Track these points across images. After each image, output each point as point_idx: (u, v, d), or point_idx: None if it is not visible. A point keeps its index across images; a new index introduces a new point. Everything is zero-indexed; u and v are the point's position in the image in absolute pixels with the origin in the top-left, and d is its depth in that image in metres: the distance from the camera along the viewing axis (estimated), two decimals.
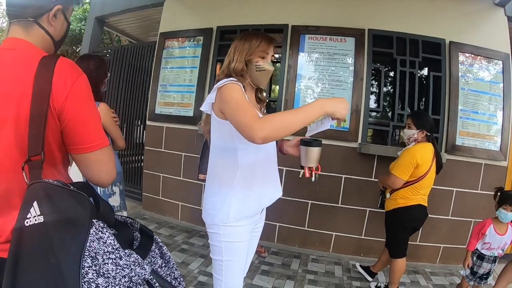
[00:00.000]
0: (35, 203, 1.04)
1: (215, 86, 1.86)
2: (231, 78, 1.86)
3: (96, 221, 1.03)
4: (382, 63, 4.80)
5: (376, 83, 5.01)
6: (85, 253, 0.96)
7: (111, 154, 1.32)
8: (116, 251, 1.04)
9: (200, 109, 1.98)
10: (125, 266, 1.03)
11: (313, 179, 1.99)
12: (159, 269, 1.30)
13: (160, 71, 5.71)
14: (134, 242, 1.27)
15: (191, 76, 5.42)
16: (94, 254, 0.98)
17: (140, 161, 6.21)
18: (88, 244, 0.98)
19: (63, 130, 1.20)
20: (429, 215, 3.54)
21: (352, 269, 4.24)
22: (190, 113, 5.36)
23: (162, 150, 5.57)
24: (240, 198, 1.92)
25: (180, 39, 5.62)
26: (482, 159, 4.53)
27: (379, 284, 3.78)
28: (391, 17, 4.65)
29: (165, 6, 5.84)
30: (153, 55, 5.90)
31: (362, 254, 4.64)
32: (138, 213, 5.75)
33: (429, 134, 3.40)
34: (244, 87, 1.87)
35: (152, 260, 1.28)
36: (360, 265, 4.13)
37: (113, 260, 1.01)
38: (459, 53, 4.56)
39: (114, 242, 1.04)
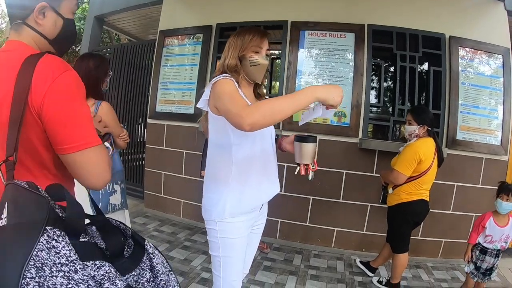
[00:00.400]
0: (6, 205, 0.99)
1: (209, 83, 1.88)
2: (224, 74, 1.87)
3: (51, 229, 0.93)
4: (382, 58, 4.79)
5: (377, 78, 5.01)
6: (30, 263, 0.87)
7: (101, 155, 1.25)
8: (71, 264, 0.93)
9: (197, 106, 1.99)
10: (80, 281, 0.93)
11: (309, 177, 1.95)
12: (146, 283, 1.18)
13: (160, 69, 5.72)
14: (127, 249, 1.19)
15: (191, 74, 5.43)
16: (40, 265, 0.88)
17: (142, 159, 6.22)
18: (35, 252, 0.88)
19: (45, 129, 1.16)
20: (431, 210, 3.55)
21: (354, 264, 4.25)
22: (191, 111, 5.36)
23: (164, 148, 5.58)
24: (236, 194, 1.91)
25: (179, 36, 5.62)
26: (483, 153, 4.53)
27: (381, 279, 3.79)
28: (391, 12, 4.64)
29: (164, 4, 5.83)
30: (153, 53, 5.90)
31: (364, 249, 4.65)
32: (140, 211, 5.76)
33: (430, 129, 3.41)
34: (238, 82, 1.88)
35: (141, 273, 1.17)
36: (360, 261, 4.16)
37: (65, 273, 0.91)
38: (459, 47, 4.56)
39: (70, 253, 0.94)
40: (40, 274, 0.87)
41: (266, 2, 5.02)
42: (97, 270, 0.98)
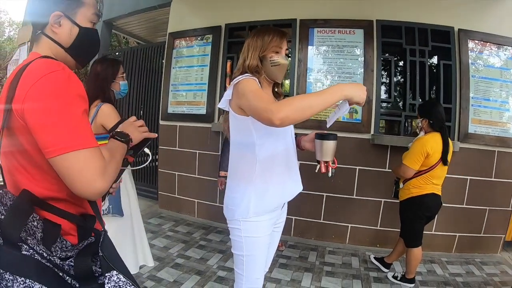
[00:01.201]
0: None
1: (231, 83, 1.89)
2: (246, 74, 1.89)
3: None
4: (392, 53, 4.79)
5: (387, 73, 5.00)
6: None
7: (90, 159, 1.13)
8: None
9: (218, 106, 2.02)
10: None
11: (329, 174, 1.96)
12: None
13: (170, 70, 5.77)
14: (99, 277, 1.14)
15: (202, 74, 5.47)
16: None
17: (155, 160, 6.27)
18: None
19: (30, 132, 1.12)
20: (444, 204, 3.55)
21: (368, 260, 4.26)
22: (203, 111, 5.41)
23: (176, 148, 5.63)
24: (259, 193, 1.93)
25: (189, 38, 5.67)
26: (495, 146, 4.51)
27: (395, 274, 3.79)
28: (399, 7, 4.64)
29: (172, 6, 5.89)
30: (163, 55, 5.96)
31: (378, 245, 4.66)
32: (155, 211, 5.82)
33: (431, 122, 3.43)
34: (260, 82, 1.90)
35: None
36: (374, 257, 4.17)
37: None
38: (469, 40, 4.54)
39: None
40: None
41: (274, 1, 5.04)
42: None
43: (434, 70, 4.90)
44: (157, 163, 6.05)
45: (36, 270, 1.00)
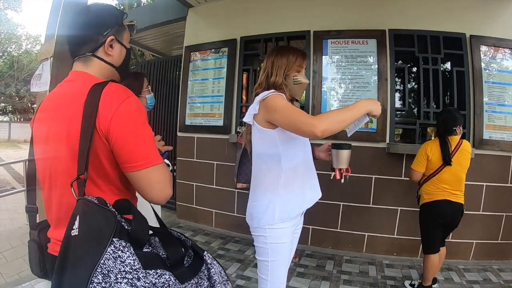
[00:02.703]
0: (78, 217, 1.10)
1: (256, 98, 2.02)
2: (272, 90, 2.01)
3: (118, 240, 1.04)
4: (405, 61, 4.84)
5: (400, 82, 5.04)
6: (97, 270, 0.97)
7: (163, 172, 1.32)
8: (135, 272, 1.03)
9: (243, 120, 2.12)
10: (142, 287, 1.03)
11: (342, 180, 2.14)
12: None
13: (188, 83, 5.88)
14: (187, 259, 1.29)
15: (219, 87, 5.58)
16: (106, 272, 0.98)
17: (173, 171, 6.36)
18: (102, 261, 0.98)
19: (112, 150, 1.25)
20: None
21: (386, 268, 4.28)
22: (220, 123, 5.50)
23: (194, 160, 5.72)
24: (284, 201, 2.04)
25: (205, 51, 5.78)
26: (511, 151, 4.51)
27: (413, 282, 3.81)
28: (411, 16, 4.68)
29: (187, 20, 6.02)
30: (179, 68, 6.07)
31: (395, 254, 4.67)
32: (173, 221, 5.91)
33: (437, 128, 3.56)
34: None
35: (199, 282, 1.27)
36: (410, 284, 3.91)
37: (129, 280, 1.01)
38: (481, 46, 4.55)
39: (134, 262, 1.04)
40: (106, 280, 0.98)
41: (288, 14, 5.13)
42: (158, 278, 1.09)
43: (447, 77, 4.92)
44: (175, 174, 6.12)
45: (160, 261, 1.17)
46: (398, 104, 4.90)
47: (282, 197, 2.05)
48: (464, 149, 3.43)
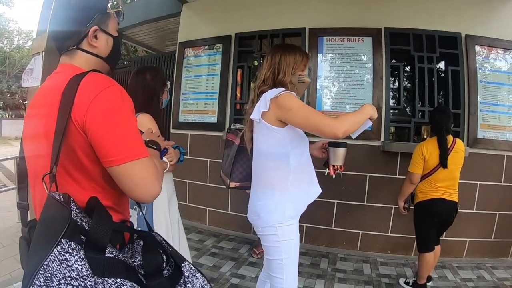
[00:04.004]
0: (42, 213, 1.06)
1: (266, 96, 2.02)
2: (283, 89, 2.03)
3: (66, 242, 0.95)
4: (400, 60, 4.84)
5: (395, 80, 5.05)
6: (40, 271, 0.90)
7: (148, 168, 1.22)
8: (81, 279, 0.94)
9: (251, 117, 2.11)
10: None
11: (334, 176, 2.24)
12: None
13: (181, 80, 5.84)
14: (168, 268, 1.20)
15: (213, 83, 5.54)
16: (49, 275, 0.91)
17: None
18: (46, 262, 0.91)
19: (90, 143, 1.17)
20: None
21: (380, 266, 4.29)
22: (214, 120, 5.47)
23: (188, 157, 5.67)
24: (292, 198, 2.08)
25: (199, 47, 5.75)
26: (504, 150, 4.53)
27: (407, 280, 3.81)
28: (406, 15, 4.69)
29: (182, 16, 5.98)
30: (173, 64, 6.02)
31: (389, 251, 4.68)
32: None
33: (432, 127, 3.55)
34: None
35: None
36: (404, 282, 3.91)
37: (74, 287, 0.93)
38: (476, 46, 4.57)
39: (82, 268, 0.95)
40: (48, 284, 0.90)
41: (283, 11, 5.10)
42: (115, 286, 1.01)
43: (442, 76, 4.93)
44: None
45: (123, 269, 1.07)
46: (393, 102, 4.90)
47: (291, 194, 2.08)
48: (459, 148, 3.44)
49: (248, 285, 3.67)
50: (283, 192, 2.06)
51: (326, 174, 2.27)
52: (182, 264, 1.20)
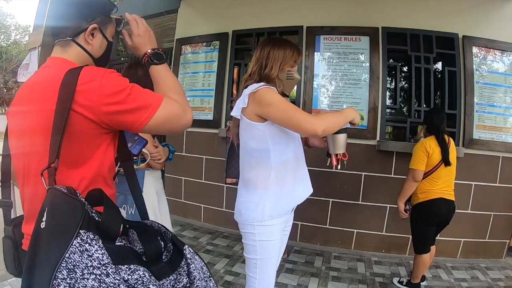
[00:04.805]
0: (47, 208, 1.04)
1: (245, 91, 1.96)
2: (263, 83, 1.96)
3: (85, 232, 0.94)
4: (397, 60, 4.83)
5: (392, 80, 5.05)
6: (62, 264, 0.89)
7: (170, 107, 1.32)
8: (103, 267, 0.94)
9: (231, 114, 2.07)
10: (112, 284, 0.94)
11: (339, 166, 2.17)
12: None
13: (178, 76, 5.82)
14: (166, 254, 1.22)
15: (209, 80, 5.53)
16: (72, 267, 0.90)
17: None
18: (67, 255, 0.90)
19: (111, 120, 1.24)
20: None
21: (374, 265, 4.30)
22: (210, 117, 5.46)
23: (183, 154, 5.67)
24: (274, 197, 2.00)
25: (196, 44, 5.73)
26: (500, 152, 4.53)
27: (401, 279, 3.81)
28: (404, 14, 4.68)
29: (179, 13, 5.95)
30: (169, 61, 5.99)
31: (383, 250, 4.69)
32: None
33: (428, 127, 3.56)
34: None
35: (178, 278, 1.17)
36: (398, 281, 3.90)
37: (97, 276, 0.92)
38: (473, 46, 4.57)
39: (102, 256, 0.95)
40: (71, 275, 0.89)
41: (281, 8, 5.09)
42: (131, 274, 1.02)
43: (439, 76, 4.93)
44: (163, 168, 6.08)
45: (135, 256, 1.09)
46: (389, 102, 4.90)
47: (273, 193, 2.01)
48: (453, 147, 3.49)
49: (242, 282, 3.65)
50: (264, 190, 2.01)
51: (327, 164, 2.21)
52: (184, 247, 1.22)
